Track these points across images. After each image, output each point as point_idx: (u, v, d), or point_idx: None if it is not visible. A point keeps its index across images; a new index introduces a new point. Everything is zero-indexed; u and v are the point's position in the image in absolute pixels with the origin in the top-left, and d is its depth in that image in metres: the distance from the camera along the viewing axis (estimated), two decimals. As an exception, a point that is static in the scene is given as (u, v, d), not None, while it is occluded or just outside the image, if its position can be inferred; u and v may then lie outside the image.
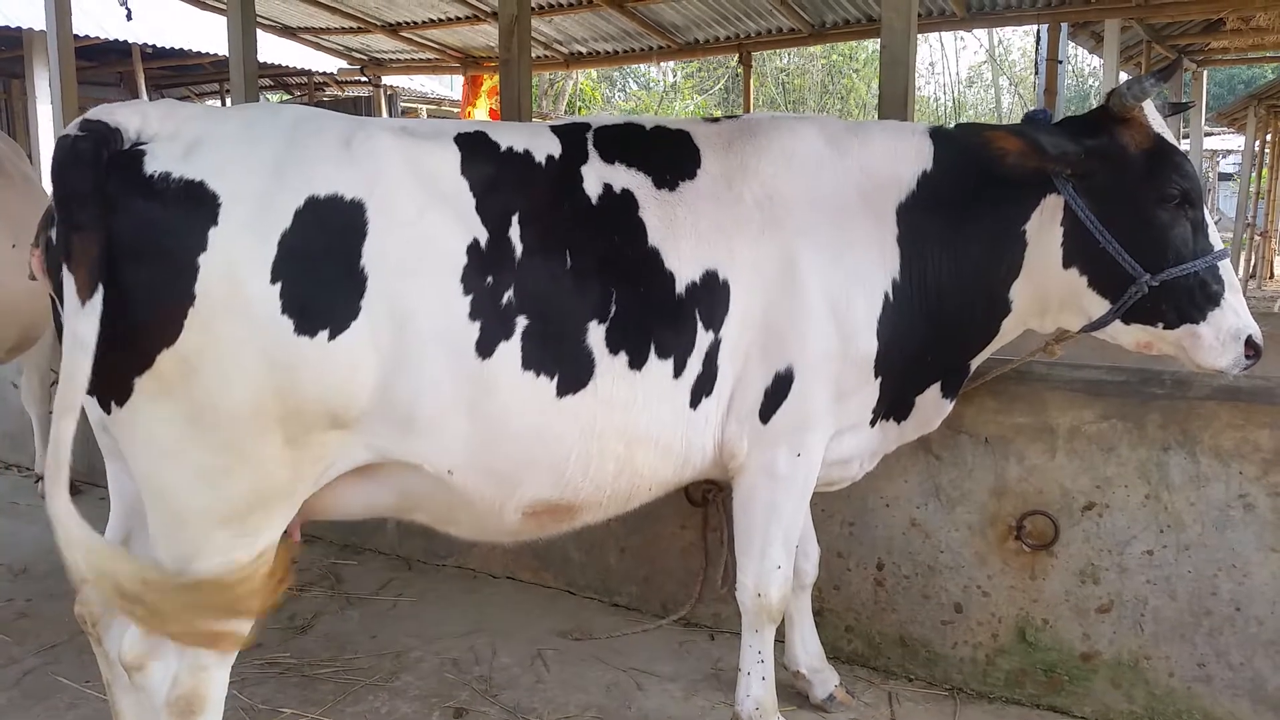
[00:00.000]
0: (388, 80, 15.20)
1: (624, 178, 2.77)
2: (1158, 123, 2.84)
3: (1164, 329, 2.84)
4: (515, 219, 2.56)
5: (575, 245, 2.63)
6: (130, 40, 13.27)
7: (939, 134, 3.06)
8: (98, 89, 15.30)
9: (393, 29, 11.56)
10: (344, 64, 14.48)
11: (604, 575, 4.47)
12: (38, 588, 4.58)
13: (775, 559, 3.07)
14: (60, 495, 2.21)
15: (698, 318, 2.75)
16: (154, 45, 13.78)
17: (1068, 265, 2.88)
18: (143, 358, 2.20)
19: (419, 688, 3.71)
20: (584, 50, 11.81)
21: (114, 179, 2.21)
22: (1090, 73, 31.94)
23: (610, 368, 2.63)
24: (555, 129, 2.85)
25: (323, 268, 2.29)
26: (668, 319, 2.72)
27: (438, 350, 2.41)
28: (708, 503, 4.07)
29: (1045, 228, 2.89)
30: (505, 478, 2.61)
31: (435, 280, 2.42)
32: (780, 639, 3.44)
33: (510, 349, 2.50)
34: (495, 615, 4.34)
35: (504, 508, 2.67)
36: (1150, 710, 3.39)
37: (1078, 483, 3.46)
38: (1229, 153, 27.59)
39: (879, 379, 2.98)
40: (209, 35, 13.45)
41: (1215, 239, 2.84)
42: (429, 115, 17.97)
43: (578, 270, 2.61)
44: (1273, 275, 18.43)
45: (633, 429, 2.70)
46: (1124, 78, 7.13)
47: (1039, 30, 11.37)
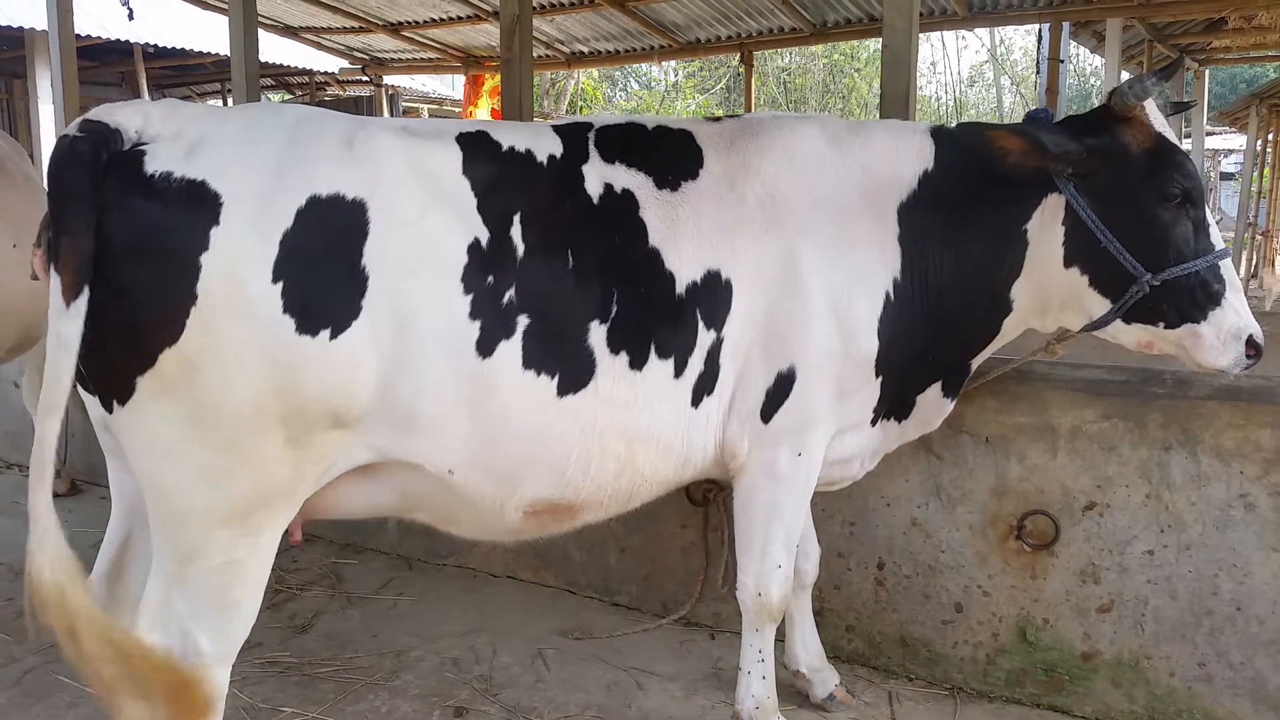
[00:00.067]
0: (389, 80, 15.21)
1: (625, 178, 2.78)
2: (1159, 122, 2.84)
3: (1165, 328, 2.84)
4: (516, 218, 2.56)
5: (577, 245, 2.63)
6: (132, 40, 13.28)
7: (940, 133, 3.06)
8: (99, 89, 15.31)
9: (394, 28, 11.56)
10: (345, 63, 14.49)
11: (604, 574, 4.48)
12: (39, 587, 4.58)
13: (776, 558, 3.07)
14: (42, 495, 2.22)
15: (699, 317, 2.75)
16: (155, 45, 13.80)
17: (1069, 265, 2.88)
18: (145, 357, 2.21)
19: (419, 687, 3.71)
20: (585, 50, 11.81)
21: (113, 179, 2.21)
22: (1092, 72, 31.92)
23: (611, 367, 2.63)
24: (557, 129, 2.85)
25: (324, 267, 2.30)
26: (669, 318, 2.72)
27: (439, 350, 2.41)
28: (708, 502, 4.07)
29: (1046, 227, 2.89)
30: (506, 477, 2.62)
31: (436, 280, 2.42)
32: (780, 638, 3.44)
33: (511, 348, 2.50)
34: (496, 614, 4.34)
35: (505, 507, 2.67)
36: (1151, 710, 3.40)
37: (1079, 482, 3.46)
38: (1230, 152, 27.55)
39: (880, 378, 2.98)
40: (210, 35, 13.46)
41: (1216, 238, 2.84)
42: (430, 115, 17.98)
43: (579, 270, 2.61)
44: (1274, 274, 18.41)
45: (634, 428, 2.70)
46: (1125, 77, 7.13)
47: (1040, 29, 11.36)
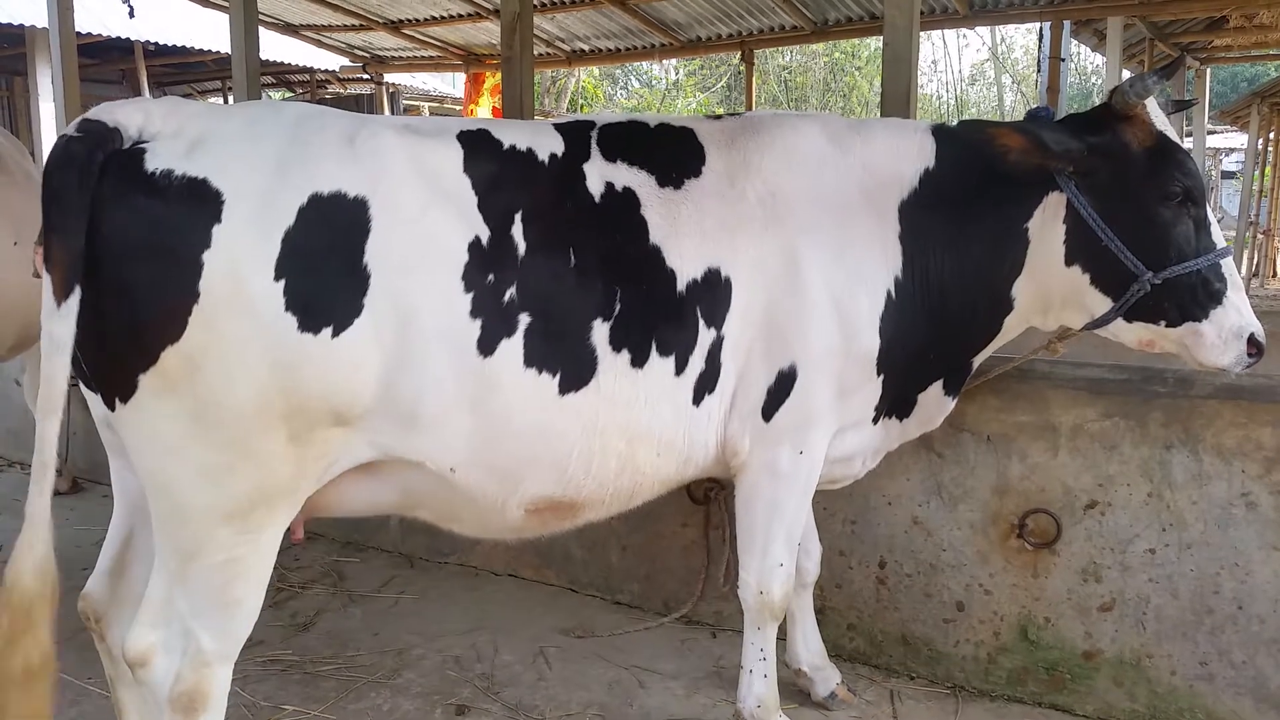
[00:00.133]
0: (390, 78, 15.21)
1: (627, 176, 2.77)
2: (1160, 120, 2.84)
3: (1166, 327, 2.83)
4: (518, 217, 2.56)
5: (578, 243, 2.63)
6: (133, 38, 13.30)
7: (941, 131, 3.06)
8: (100, 86, 15.31)
9: (395, 26, 11.56)
10: (346, 61, 14.50)
11: (606, 573, 4.48)
12: (41, 584, 4.58)
13: (777, 556, 3.07)
14: (42, 498, 2.22)
15: (700, 315, 2.75)
16: (156, 43, 13.81)
17: (1070, 263, 2.87)
18: (147, 355, 2.21)
19: (421, 685, 3.71)
20: (586, 48, 11.81)
21: (113, 177, 2.21)
22: (1093, 70, 31.88)
23: (613, 365, 2.63)
24: (558, 127, 2.85)
25: (326, 265, 2.30)
26: (670, 316, 2.72)
27: (440, 348, 2.41)
28: (709, 501, 4.07)
29: (1048, 225, 2.89)
30: (508, 475, 2.62)
31: (438, 278, 2.42)
32: (782, 637, 3.44)
33: (512, 346, 2.50)
34: (497, 613, 4.35)
35: (507, 505, 2.67)
36: (1152, 709, 3.40)
37: (1080, 481, 3.46)
38: (1232, 151, 27.51)
39: (881, 376, 2.98)
40: (211, 33, 13.48)
41: (1218, 237, 2.84)
42: (431, 113, 17.98)
43: (580, 268, 2.61)
44: (1275, 274, 18.41)
45: (635, 426, 2.70)
46: (1126, 75, 7.12)
47: (1042, 28, 11.37)
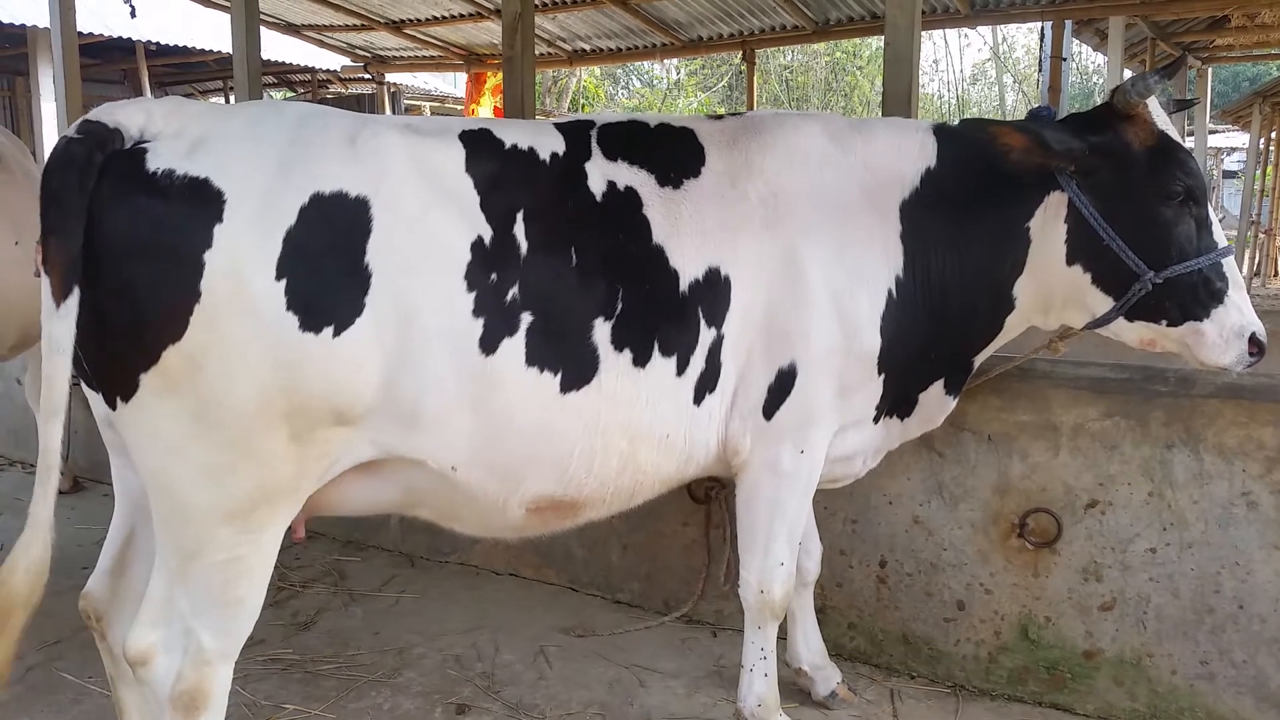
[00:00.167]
0: (391, 78, 15.20)
1: (628, 175, 2.77)
2: (1162, 120, 2.83)
3: (1168, 326, 2.83)
4: (519, 216, 2.56)
5: (579, 242, 2.63)
6: (134, 38, 13.31)
7: (943, 131, 3.06)
8: (101, 86, 15.33)
9: (396, 26, 11.56)
10: (347, 61, 14.50)
11: (606, 572, 4.48)
12: (42, 584, 4.58)
13: (778, 555, 3.07)
14: (46, 500, 2.23)
15: (701, 314, 2.75)
16: (158, 43, 13.82)
17: (1071, 262, 2.87)
18: (148, 354, 2.21)
19: (421, 684, 3.72)
20: (587, 47, 11.80)
21: (113, 177, 2.21)
22: (1095, 70, 31.83)
23: (614, 364, 2.63)
24: (560, 126, 2.85)
25: (327, 265, 2.30)
26: (671, 315, 2.72)
27: (442, 347, 2.41)
28: (710, 500, 4.08)
29: (1049, 225, 2.89)
30: (509, 474, 2.62)
31: (439, 277, 2.42)
32: (782, 636, 3.44)
33: (514, 346, 2.50)
34: (498, 612, 4.35)
35: (508, 504, 2.67)
36: (1153, 708, 3.40)
37: (1081, 480, 3.46)
38: (1233, 150, 27.48)
39: (882, 375, 2.98)
40: (213, 33, 13.48)
41: (1219, 236, 2.84)
42: (433, 113, 17.99)
43: (581, 267, 2.61)
44: (1277, 273, 18.40)
45: (636, 425, 2.70)
46: (1128, 75, 7.12)
47: (1043, 27, 11.35)
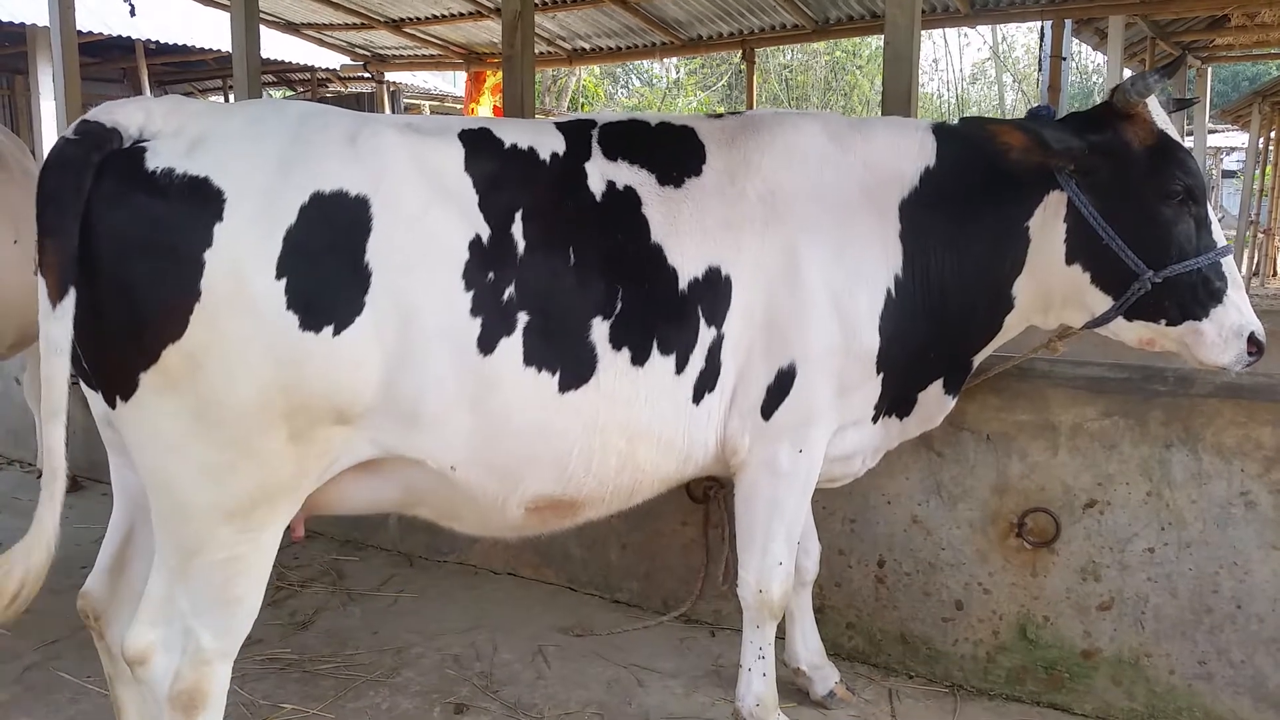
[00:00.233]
0: (391, 76, 15.21)
1: (628, 174, 2.77)
2: (1162, 119, 2.83)
3: (1167, 325, 2.84)
4: (518, 215, 2.56)
5: (579, 242, 2.63)
6: (134, 36, 13.30)
7: (942, 130, 3.06)
8: (101, 85, 15.31)
9: (396, 25, 11.56)
10: (347, 60, 14.49)
11: (605, 572, 4.48)
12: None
13: (777, 555, 3.07)
14: (53, 505, 2.24)
15: (700, 313, 2.75)
16: (157, 41, 13.82)
17: (1071, 262, 2.87)
18: (148, 353, 2.21)
19: (420, 684, 3.72)
20: (587, 46, 11.81)
21: (112, 177, 2.21)
22: (1094, 69, 31.85)
23: (613, 363, 2.63)
24: (560, 125, 2.85)
25: (327, 264, 2.30)
26: (671, 315, 2.72)
27: (441, 346, 2.41)
28: (709, 499, 4.07)
29: (1048, 224, 2.89)
30: (508, 473, 2.62)
31: (439, 276, 2.42)
32: (781, 636, 3.44)
33: (512, 345, 2.50)
34: (496, 611, 4.35)
35: (507, 503, 2.67)
36: (1151, 708, 3.40)
37: (1079, 480, 3.46)
38: (1233, 150, 27.50)
39: (881, 375, 2.98)
40: (212, 31, 13.48)
41: (1218, 235, 2.84)
42: (432, 112, 17.97)
43: (581, 266, 2.61)
44: (1276, 273, 18.40)
45: (635, 424, 2.70)
46: (1128, 74, 7.12)
47: (1043, 26, 11.35)
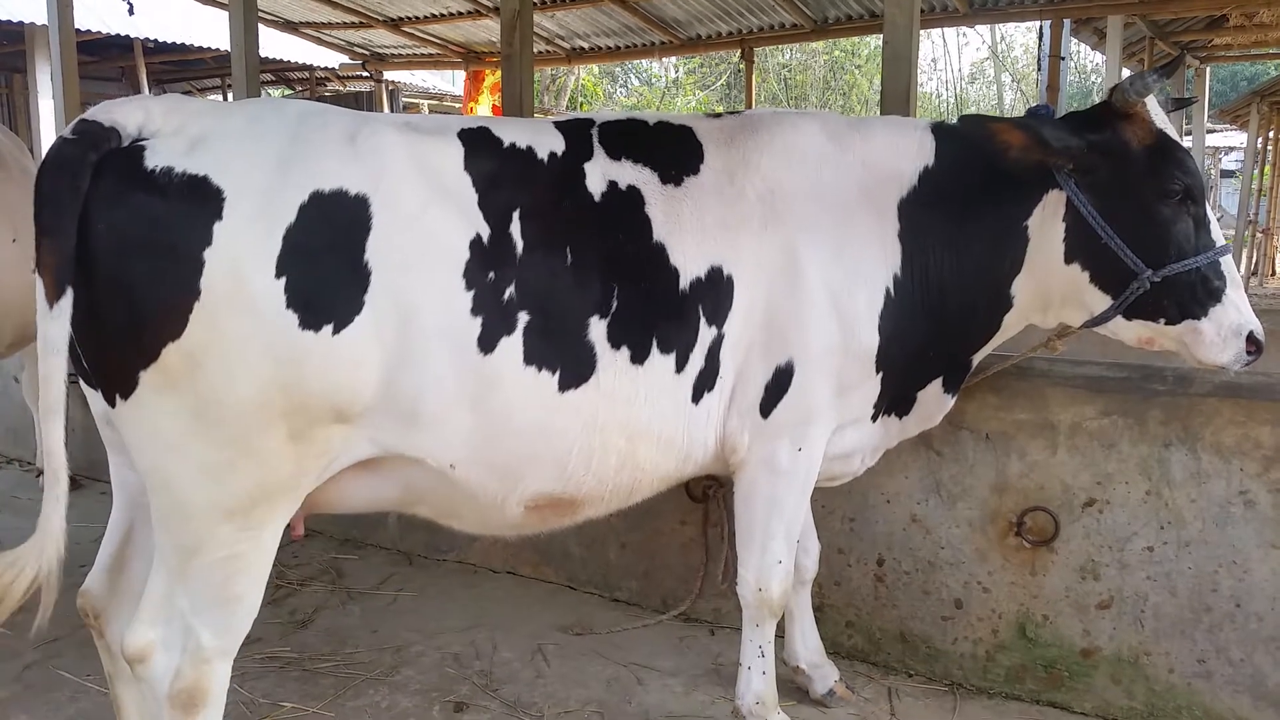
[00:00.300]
0: (389, 75, 15.21)
1: (628, 173, 2.77)
2: (1160, 118, 2.84)
3: (1166, 324, 2.84)
4: (518, 215, 2.56)
5: (578, 241, 2.63)
6: (132, 35, 13.30)
7: (941, 129, 3.06)
8: (99, 84, 15.30)
9: (395, 24, 11.56)
10: (346, 59, 14.49)
11: (604, 570, 4.48)
12: (40, 581, 4.58)
13: (776, 554, 3.07)
14: (58, 507, 2.24)
15: (701, 313, 2.75)
16: (156, 40, 13.81)
17: (1070, 261, 2.88)
18: (148, 352, 2.21)
19: (419, 682, 3.72)
20: (586, 45, 11.81)
21: (111, 176, 2.21)
22: (1093, 69, 31.88)
23: (612, 362, 2.64)
24: (559, 125, 2.85)
25: (327, 262, 2.30)
26: (671, 314, 2.72)
27: (441, 345, 2.41)
28: (708, 498, 4.07)
29: (1047, 223, 2.89)
30: (508, 472, 2.62)
31: (438, 275, 2.42)
32: (780, 634, 3.45)
33: (512, 344, 2.50)
34: (496, 610, 4.35)
35: (507, 502, 2.68)
36: (1150, 706, 3.40)
37: (1079, 479, 3.47)
38: (1231, 149, 27.50)
39: (880, 373, 2.98)
40: (211, 30, 13.47)
41: (1217, 235, 2.84)
42: (431, 110, 17.97)
43: (580, 265, 2.61)
44: (1274, 272, 18.42)
45: (635, 423, 2.70)
46: (1126, 74, 7.12)
47: (1042, 26, 11.37)
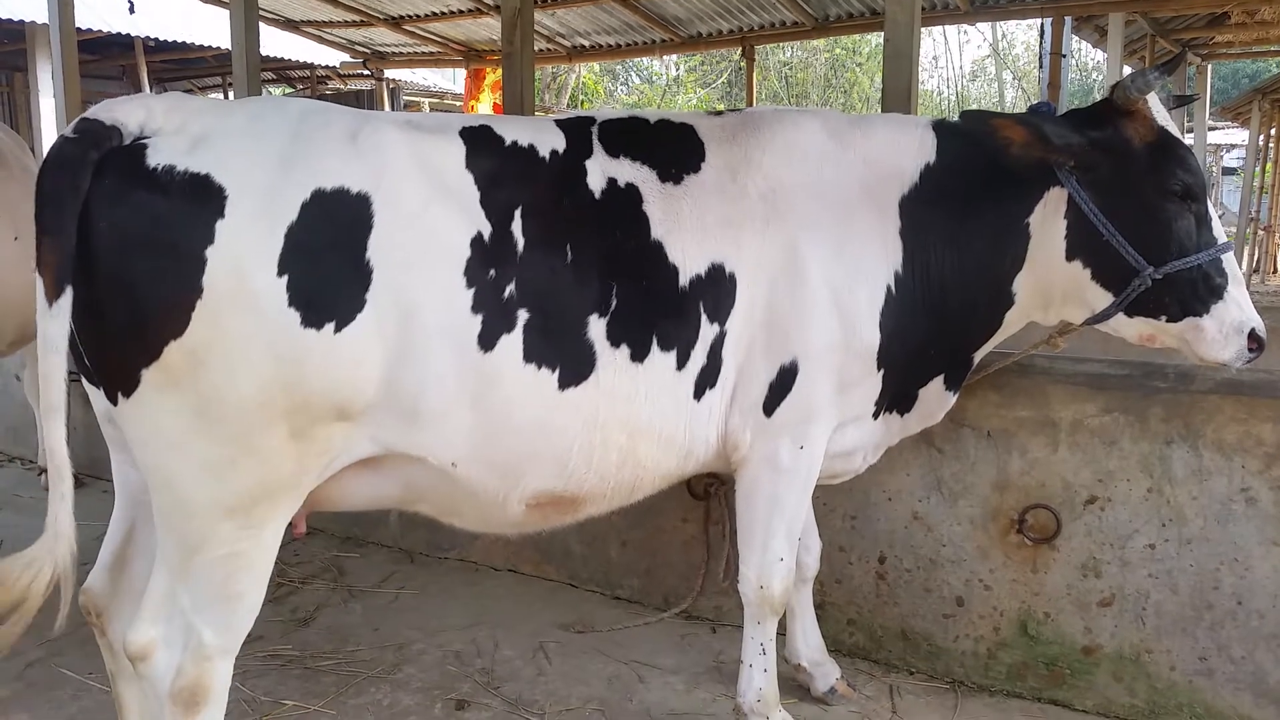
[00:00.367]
0: (390, 74, 15.20)
1: (629, 171, 2.78)
2: (1162, 116, 2.83)
3: (1167, 322, 2.84)
4: (519, 213, 2.56)
5: (579, 239, 2.63)
6: (133, 34, 13.29)
7: (942, 127, 3.06)
8: (100, 82, 15.31)
9: (395, 22, 11.56)
10: (346, 57, 14.49)
11: (605, 568, 4.48)
12: (41, 580, 4.58)
13: (778, 551, 3.07)
14: (64, 506, 2.24)
15: (702, 310, 2.75)
16: (156, 39, 13.82)
17: (1071, 258, 2.87)
18: (150, 350, 2.21)
19: (421, 680, 3.72)
20: (587, 43, 11.81)
21: (112, 174, 2.21)
22: (1094, 67, 31.86)
23: (612, 360, 2.64)
24: (560, 123, 2.85)
25: (329, 261, 2.30)
26: (671, 312, 2.72)
27: (442, 344, 2.41)
28: (709, 496, 4.07)
29: (1049, 221, 2.89)
30: (509, 470, 2.62)
31: (439, 274, 2.42)
32: (781, 632, 3.45)
33: (513, 342, 2.50)
34: (497, 608, 4.35)
35: (508, 499, 2.68)
36: (1151, 704, 3.40)
37: (1080, 476, 3.46)
38: (1233, 147, 27.49)
39: (882, 371, 2.98)
40: (212, 29, 13.48)
41: (1218, 232, 2.84)
42: (432, 109, 17.98)
43: (580, 263, 2.61)
44: (1276, 270, 18.40)
45: (636, 420, 2.71)
46: (1128, 72, 7.11)
47: (1043, 24, 11.35)
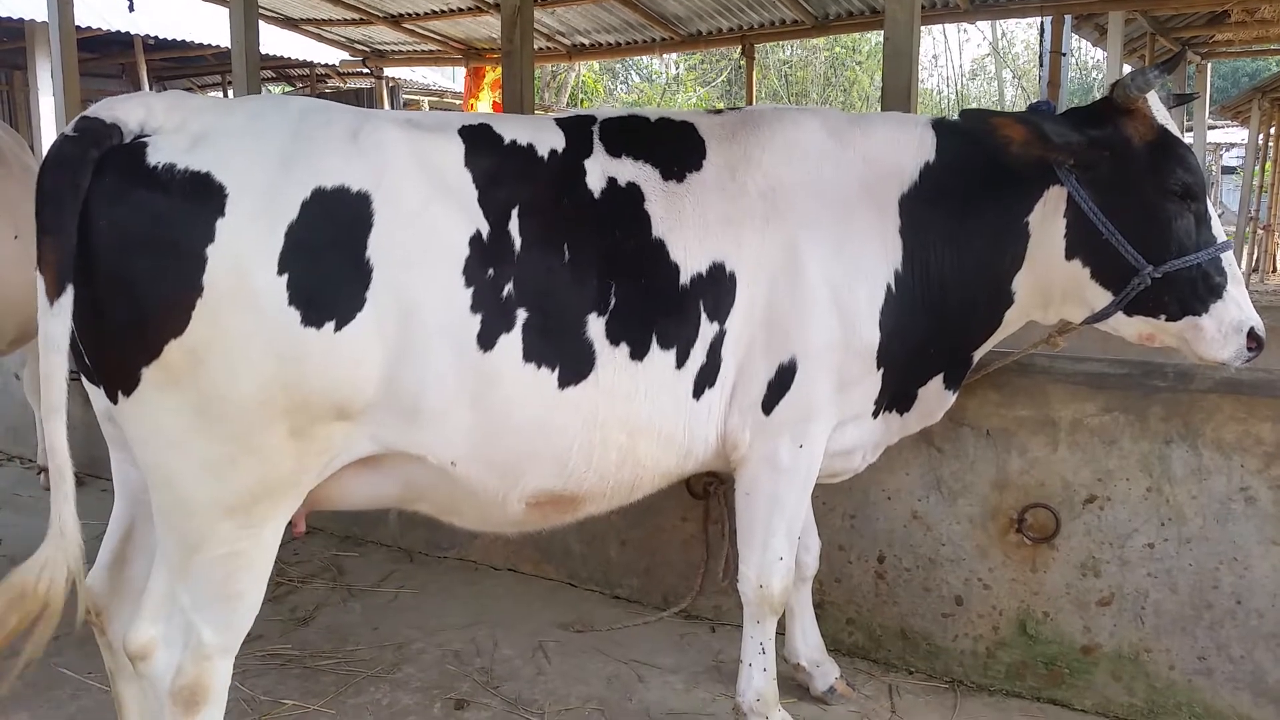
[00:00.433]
0: (390, 72, 15.19)
1: (629, 170, 2.77)
2: (1162, 114, 2.83)
3: (1166, 321, 2.84)
4: (518, 211, 2.56)
5: (579, 238, 2.63)
6: (132, 32, 13.29)
7: (942, 125, 3.06)
8: (100, 80, 15.30)
9: (395, 20, 11.56)
10: (346, 55, 14.48)
11: (605, 567, 4.48)
12: (41, 578, 4.58)
13: (777, 550, 3.07)
14: (67, 506, 2.26)
15: (702, 309, 2.75)
16: (156, 37, 13.81)
17: (1070, 257, 2.87)
18: (150, 348, 2.21)
19: (420, 679, 3.72)
20: (586, 42, 11.80)
21: (112, 173, 2.21)
22: (1094, 65, 31.85)
23: (611, 359, 2.64)
24: (560, 122, 2.84)
25: (329, 259, 2.30)
26: (671, 310, 2.72)
27: (441, 342, 2.41)
28: (709, 495, 4.07)
29: (1048, 219, 2.89)
30: (508, 469, 2.62)
31: (439, 272, 2.42)
32: (781, 631, 3.45)
33: (512, 341, 2.50)
34: (496, 607, 4.35)
35: (507, 498, 2.68)
36: (1151, 703, 3.40)
37: (1079, 475, 3.46)
38: (1232, 146, 27.49)
39: (881, 370, 2.98)
40: (211, 27, 13.46)
41: (1218, 231, 2.84)
42: (431, 107, 17.97)
43: (580, 262, 2.61)
44: (1275, 269, 18.40)
45: (635, 419, 2.71)
46: (1127, 70, 7.11)
47: (1043, 22, 11.34)
